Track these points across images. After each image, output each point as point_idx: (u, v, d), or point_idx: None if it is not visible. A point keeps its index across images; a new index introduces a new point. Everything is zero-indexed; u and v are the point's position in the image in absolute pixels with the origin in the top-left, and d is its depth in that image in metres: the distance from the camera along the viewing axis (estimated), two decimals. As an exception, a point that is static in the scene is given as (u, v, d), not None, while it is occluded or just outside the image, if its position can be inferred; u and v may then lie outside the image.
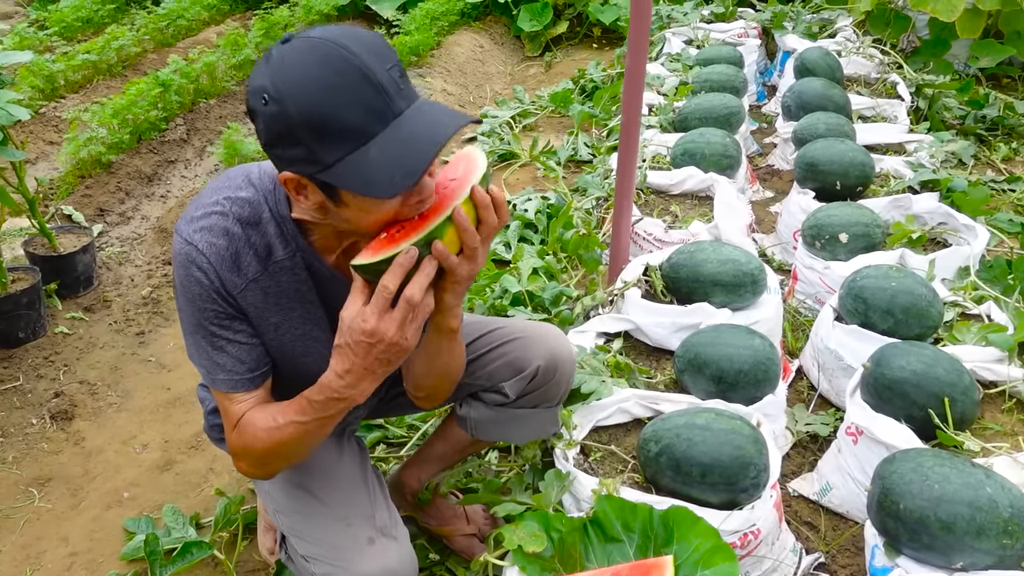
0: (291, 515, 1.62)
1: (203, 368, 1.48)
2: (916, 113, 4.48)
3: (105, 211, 3.89)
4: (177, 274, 1.42)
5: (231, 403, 1.48)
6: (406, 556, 1.55)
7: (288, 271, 1.47)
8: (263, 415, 1.46)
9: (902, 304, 2.41)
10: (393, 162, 1.20)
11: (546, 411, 1.93)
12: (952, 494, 1.72)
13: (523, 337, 1.84)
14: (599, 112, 4.83)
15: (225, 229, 1.40)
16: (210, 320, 1.43)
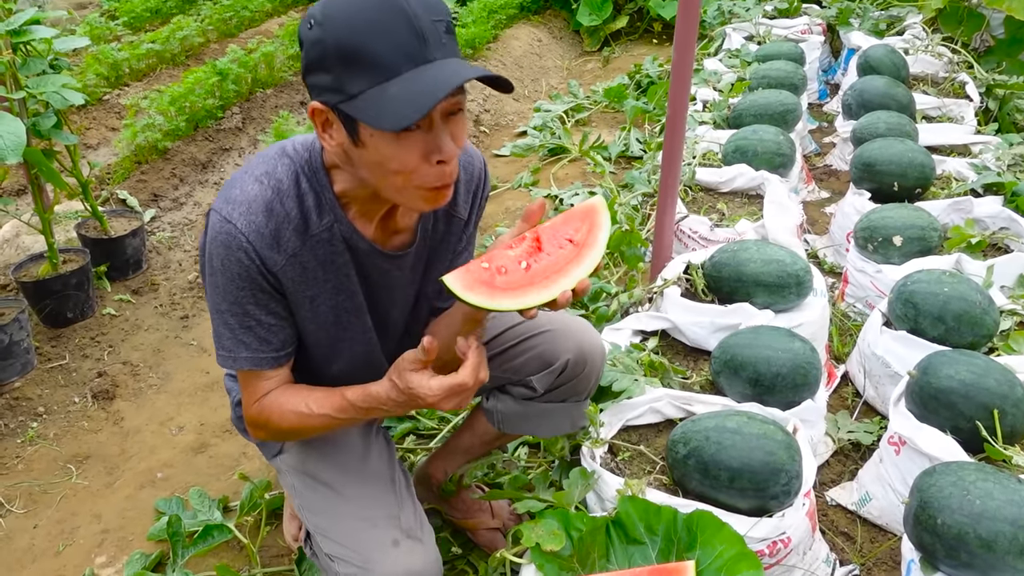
0: (317, 513, 1.61)
1: (225, 348, 1.47)
2: (986, 114, 4.30)
3: (159, 196, 3.96)
4: (215, 253, 1.40)
5: (254, 380, 1.49)
6: (431, 558, 1.53)
7: (326, 243, 1.45)
8: (293, 397, 1.47)
9: (954, 311, 2.30)
10: (408, 97, 1.20)
11: (574, 405, 1.90)
12: (994, 511, 1.63)
13: (552, 330, 1.81)
14: (652, 108, 4.75)
15: (265, 205, 1.39)
16: (247, 299, 1.42)
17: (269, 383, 1.50)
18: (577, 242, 1.37)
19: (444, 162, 1.29)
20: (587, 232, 1.37)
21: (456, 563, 2.05)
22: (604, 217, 1.38)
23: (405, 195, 1.34)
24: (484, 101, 5.23)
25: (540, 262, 1.36)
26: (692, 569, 1.57)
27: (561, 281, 1.32)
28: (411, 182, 1.30)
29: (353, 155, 1.32)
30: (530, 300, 1.31)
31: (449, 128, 1.29)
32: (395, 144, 1.26)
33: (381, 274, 1.55)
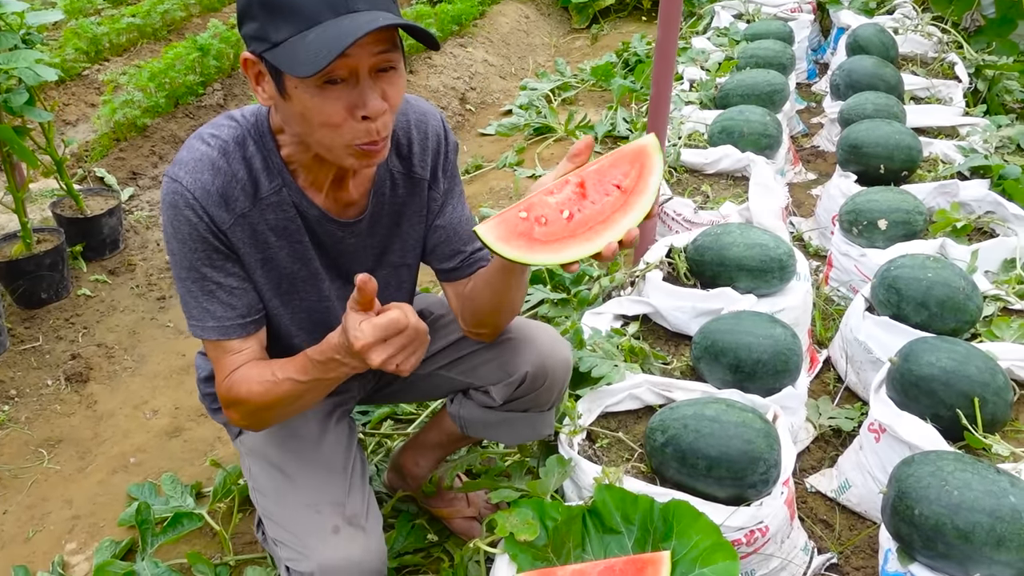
0: (265, 496, 1.58)
1: (193, 318, 1.43)
2: (975, 95, 4.26)
3: (138, 175, 3.90)
4: (166, 216, 1.38)
5: (223, 353, 1.44)
6: (373, 548, 1.49)
7: (276, 207, 1.43)
8: (261, 369, 1.42)
9: (938, 296, 2.28)
10: (321, 44, 1.17)
11: (537, 415, 1.84)
12: (972, 502, 1.61)
13: (514, 339, 1.74)
14: (640, 86, 4.70)
15: (211, 163, 1.36)
16: (201, 261, 1.39)
17: (239, 357, 1.44)
18: (625, 188, 1.28)
19: (369, 118, 1.26)
20: (636, 177, 1.28)
21: (432, 551, 2.03)
22: (656, 160, 1.28)
23: (335, 153, 1.31)
24: (470, 79, 5.16)
25: (584, 211, 1.27)
26: (667, 560, 1.55)
27: (606, 233, 1.24)
28: (339, 137, 1.28)
29: (282, 109, 1.31)
30: (571, 254, 1.23)
31: (380, 85, 1.26)
32: (319, 96, 1.23)
33: (336, 241, 1.53)
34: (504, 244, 1.25)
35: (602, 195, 1.28)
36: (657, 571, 1.53)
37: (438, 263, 1.67)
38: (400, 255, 1.63)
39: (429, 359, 1.81)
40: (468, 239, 1.65)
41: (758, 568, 1.89)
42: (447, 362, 1.80)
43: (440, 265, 1.67)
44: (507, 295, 1.55)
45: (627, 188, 1.28)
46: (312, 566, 1.43)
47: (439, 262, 1.66)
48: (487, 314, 1.62)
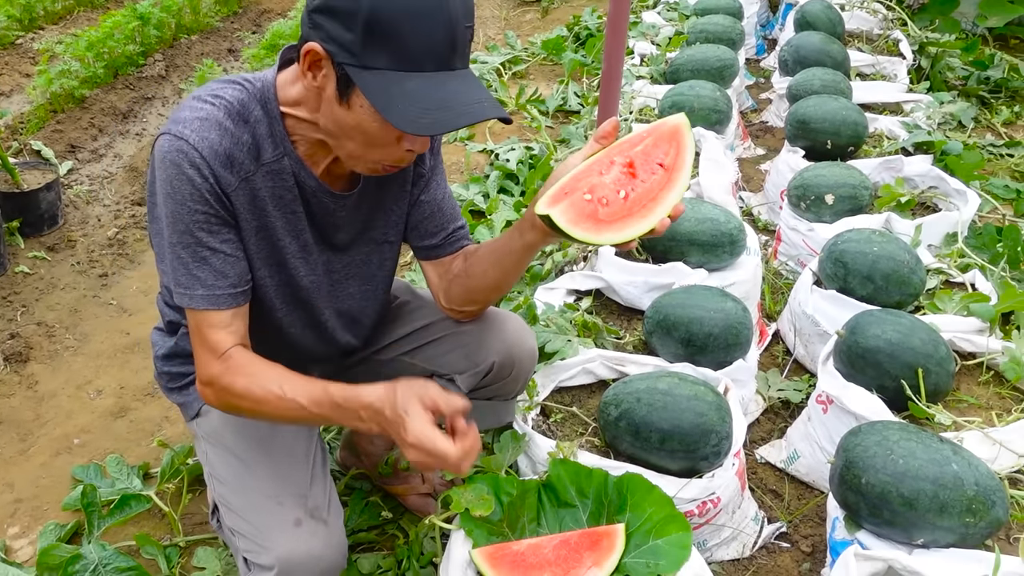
0: (223, 484, 1.54)
1: (181, 284, 1.37)
2: (918, 72, 4.34)
3: (76, 148, 3.78)
4: (164, 174, 1.31)
5: (210, 326, 1.38)
6: (335, 541, 1.47)
7: (276, 175, 1.40)
8: (268, 371, 1.38)
9: (883, 270, 2.32)
10: (424, 106, 1.19)
11: (501, 404, 1.84)
12: (916, 470, 1.66)
13: (480, 328, 1.73)
14: (591, 61, 4.68)
15: (218, 122, 1.32)
16: (199, 224, 1.34)
17: (226, 334, 1.39)
18: (667, 166, 1.34)
19: (413, 151, 1.31)
20: (675, 155, 1.35)
21: (387, 527, 2.02)
22: (689, 137, 1.36)
23: (355, 160, 1.34)
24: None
25: (636, 190, 1.33)
26: (622, 532, 1.57)
27: (657, 209, 1.30)
28: (370, 155, 1.31)
29: (327, 106, 1.29)
30: (631, 232, 1.30)
31: None
32: (380, 123, 1.24)
33: (327, 214, 1.50)
34: (575, 227, 1.30)
35: (649, 174, 1.34)
36: (612, 543, 1.54)
37: (420, 240, 1.65)
38: (383, 231, 1.60)
39: (392, 344, 1.79)
40: (451, 216, 1.65)
41: (710, 538, 1.92)
42: (410, 348, 1.78)
43: (422, 242, 1.65)
44: (515, 274, 1.55)
45: (669, 166, 1.34)
46: (272, 559, 1.40)
47: (421, 239, 1.64)
48: (486, 291, 1.61)
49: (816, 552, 2.00)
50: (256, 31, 5.45)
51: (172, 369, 1.67)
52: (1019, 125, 4.26)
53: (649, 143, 1.37)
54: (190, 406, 1.65)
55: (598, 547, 1.54)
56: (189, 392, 1.65)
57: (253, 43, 4.98)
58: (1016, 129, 4.21)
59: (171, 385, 1.69)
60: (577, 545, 1.54)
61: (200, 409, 1.63)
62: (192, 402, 1.64)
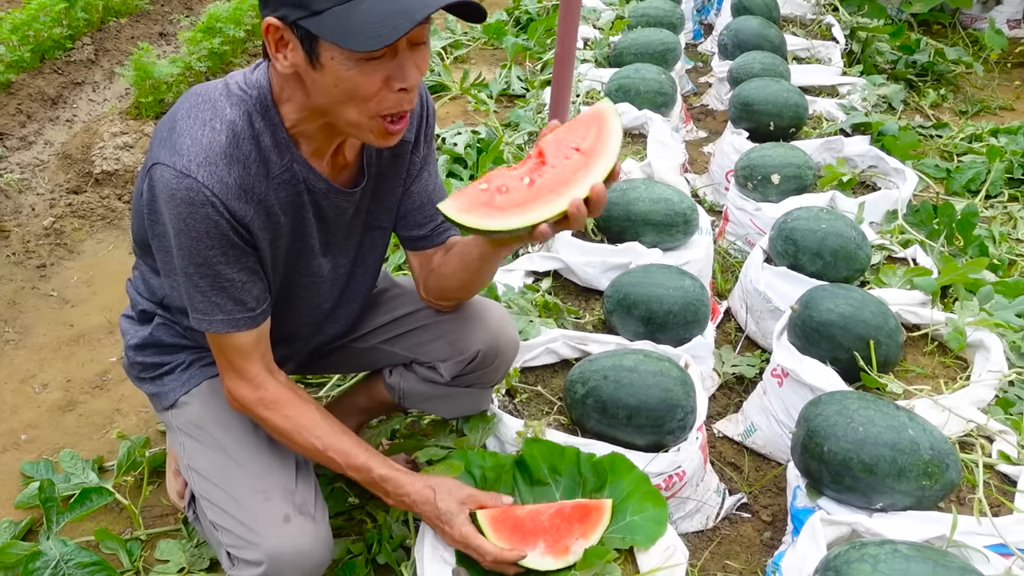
0: (206, 478, 1.51)
1: (198, 311, 1.38)
2: (850, 56, 4.46)
3: (4, 135, 3.62)
4: (176, 211, 1.28)
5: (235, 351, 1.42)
6: (322, 537, 1.46)
7: (287, 184, 1.38)
8: (308, 418, 1.47)
9: (831, 247, 2.39)
10: (381, 18, 1.14)
11: (479, 391, 1.85)
12: (876, 436, 1.72)
13: (467, 317, 1.74)
14: (533, 45, 4.69)
15: (223, 152, 1.28)
16: (216, 258, 1.32)
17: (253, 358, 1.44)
18: (585, 150, 1.28)
19: (406, 89, 1.25)
20: (595, 139, 1.29)
21: (354, 513, 2.00)
22: (613, 122, 1.29)
23: (359, 126, 1.29)
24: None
25: (544, 176, 1.28)
26: (609, 507, 1.60)
27: (568, 192, 1.24)
28: (369, 110, 1.26)
29: (308, 79, 1.25)
30: (535, 215, 1.23)
31: (414, 58, 1.25)
32: (356, 69, 1.20)
33: (338, 213, 1.49)
34: (467, 215, 1.25)
35: (562, 159, 1.29)
36: (600, 517, 1.58)
37: (408, 230, 1.64)
38: (377, 217, 1.59)
39: (372, 332, 1.77)
40: None
41: (676, 511, 1.96)
42: (391, 336, 1.77)
43: (410, 232, 1.64)
44: (479, 279, 1.57)
45: (587, 149, 1.29)
46: (260, 555, 1.39)
47: (409, 229, 1.63)
48: (455, 291, 1.63)
49: (776, 521, 2.06)
50: (188, 14, 5.30)
51: (145, 359, 1.63)
52: (945, 107, 4.42)
53: (561, 131, 1.32)
54: (164, 396, 1.61)
55: (587, 519, 1.57)
56: (163, 382, 1.61)
57: (188, 27, 4.84)
58: (942, 111, 4.37)
59: (143, 375, 1.65)
60: (569, 516, 1.57)
61: (176, 400, 1.59)
62: (167, 392, 1.61)
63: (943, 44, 4.77)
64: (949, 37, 5.23)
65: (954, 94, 4.56)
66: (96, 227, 3.14)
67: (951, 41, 5.12)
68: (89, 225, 3.14)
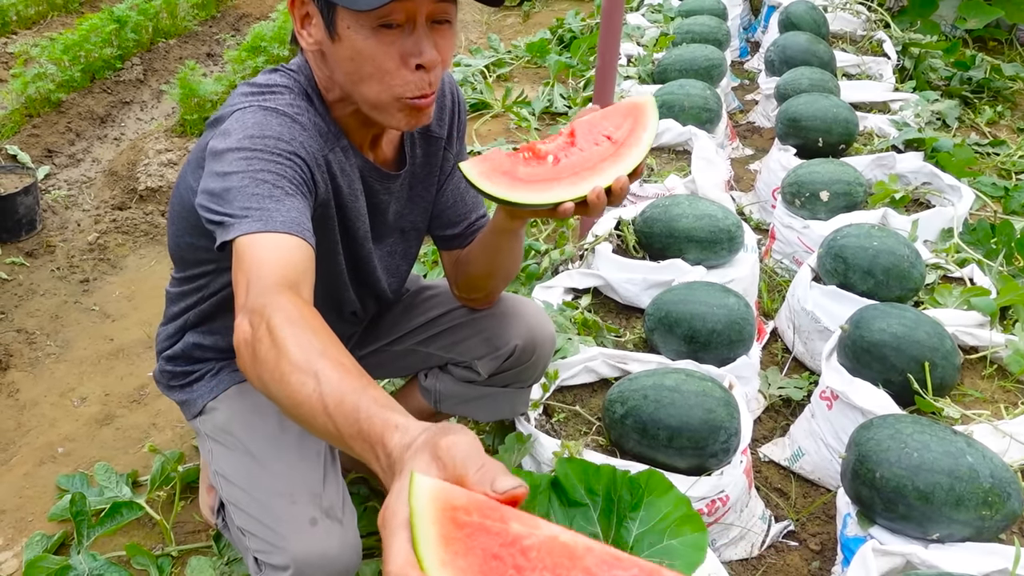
0: (232, 483, 1.48)
1: (250, 215, 1.13)
2: (902, 73, 4.35)
3: (54, 152, 3.69)
4: (240, 131, 1.21)
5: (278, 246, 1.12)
6: (350, 542, 1.41)
7: (344, 162, 1.37)
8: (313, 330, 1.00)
9: (883, 265, 2.30)
10: None
11: (516, 392, 1.81)
12: (931, 463, 1.63)
13: (502, 313, 1.71)
14: (576, 63, 4.66)
15: (293, 103, 1.28)
16: (283, 166, 1.20)
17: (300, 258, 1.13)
18: (616, 140, 1.25)
19: (424, 68, 1.21)
20: (629, 130, 1.26)
21: (385, 533, 1.96)
22: (651, 116, 1.26)
23: (383, 108, 1.26)
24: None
25: (570, 157, 1.25)
26: None
27: (592, 178, 1.21)
28: (389, 90, 1.23)
29: (330, 55, 1.24)
30: (554, 195, 1.20)
31: (434, 37, 1.21)
32: (372, 39, 1.18)
33: (381, 201, 1.47)
34: (487, 180, 1.21)
35: (591, 144, 1.26)
36: None
37: (441, 229, 1.61)
38: (412, 219, 1.57)
39: (407, 335, 1.75)
40: (473, 206, 1.61)
41: (719, 537, 1.88)
42: (426, 336, 1.74)
43: (443, 232, 1.61)
44: (500, 256, 1.51)
45: (618, 140, 1.26)
46: (287, 559, 1.34)
47: (442, 228, 1.61)
48: (480, 277, 1.58)
49: (825, 550, 1.97)
50: (235, 35, 5.38)
51: (175, 368, 1.61)
52: (1002, 124, 4.28)
53: (597, 115, 1.29)
54: (193, 403, 1.59)
55: None
56: (192, 389, 1.59)
57: (234, 46, 4.91)
58: (999, 128, 4.23)
59: (173, 383, 1.63)
60: None
61: (205, 406, 1.57)
62: (195, 399, 1.59)
63: (999, 60, 4.64)
64: (1006, 53, 5.09)
65: (1011, 111, 4.42)
66: (139, 243, 3.16)
67: (1008, 57, 4.98)
68: (132, 241, 3.17)
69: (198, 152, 1.35)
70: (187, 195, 1.37)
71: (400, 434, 0.83)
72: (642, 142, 1.24)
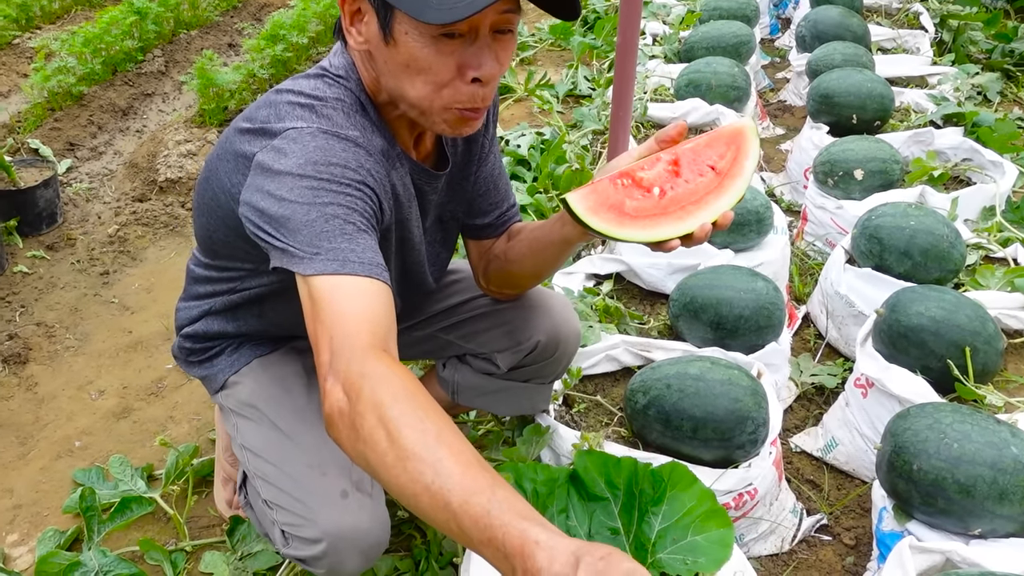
0: (259, 455, 1.44)
1: (325, 253, 1.08)
2: (940, 46, 4.20)
3: (75, 145, 3.68)
4: (300, 153, 1.13)
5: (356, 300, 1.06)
6: (379, 516, 1.37)
7: (402, 174, 1.30)
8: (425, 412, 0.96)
9: (921, 245, 2.20)
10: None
11: (536, 387, 1.76)
12: (973, 454, 1.54)
13: (527, 306, 1.66)
14: (600, 44, 4.56)
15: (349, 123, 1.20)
16: (353, 198, 1.13)
17: (386, 315, 1.07)
18: (720, 170, 1.22)
19: (481, 81, 1.14)
20: (732, 160, 1.22)
21: (403, 528, 1.91)
22: (752, 143, 1.23)
23: (429, 114, 1.19)
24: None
25: (676, 189, 1.21)
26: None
27: (699, 214, 1.18)
28: (439, 98, 1.16)
29: (379, 57, 1.17)
30: (662, 232, 1.17)
31: (495, 47, 1.14)
32: (431, 47, 1.11)
33: (427, 198, 1.41)
34: (594, 216, 1.18)
35: (696, 175, 1.22)
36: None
37: (473, 218, 1.55)
38: (451, 209, 1.51)
39: (428, 319, 1.70)
40: (505, 194, 1.55)
41: (747, 532, 1.80)
42: (447, 324, 1.69)
43: (475, 220, 1.55)
44: (553, 262, 1.45)
45: (722, 170, 1.22)
46: (319, 532, 1.31)
47: (474, 217, 1.54)
48: (522, 278, 1.52)
49: (860, 545, 1.88)
50: (256, 24, 5.35)
51: (194, 345, 1.58)
52: (1047, 98, 4.11)
53: (702, 143, 1.24)
54: (214, 378, 1.56)
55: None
56: (212, 364, 1.56)
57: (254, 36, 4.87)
58: (1043, 102, 4.06)
59: (192, 359, 1.59)
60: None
61: (226, 380, 1.54)
62: (216, 374, 1.55)
63: (1043, 31, 4.45)
64: (1049, 24, 4.89)
65: (1056, 84, 4.25)
66: (159, 234, 3.14)
67: (1052, 28, 4.78)
68: (152, 232, 3.14)
69: (230, 150, 1.26)
70: (223, 196, 1.30)
71: (545, 554, 0.82)
72: (745, 171, 1.21)
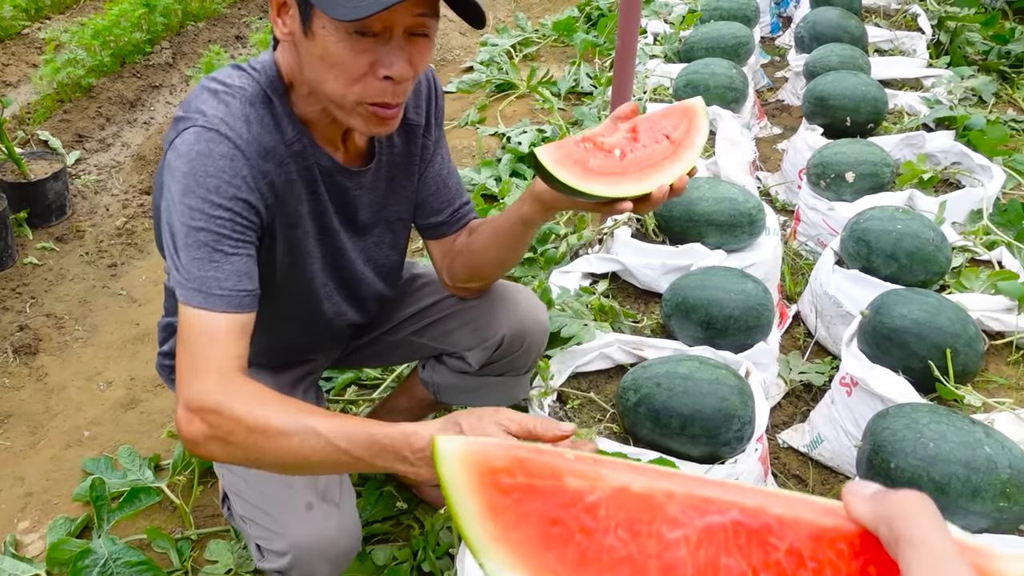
0: (231, 471, 1.51)
1: (193, 283, 1.18)
2: (937, 47, 4.24)
3: (84, 137, 3.74)
4: (189, 166, 1.20)
5: (213, 337, 1.17)
6: (348, 525, 1.43)
7: (299, 157, 1.34)
8: (273, 397, 1.15)
9: (907, 248, 2.26)
10: None
11: (513, 379, 1.81)
12: (948, 453, 1.60)
13: (488, 303, 1.70)
14: (603, 41, 4.61)
15: (240, 112, 1.25)
16: (223, 225, 1.21)
17: (238, 347, 1.19)
18: (675, 140, 1.31)
19: (392, 80, 1.19)
20: (685, 131, 1.31)
21: (402, 518, 1.98)
22: (703, 120, 1.32)
23: (343, 109, 1.24)
24: (428, 35, 5.02)
25: (635, 152, 1.30)
26: None
27: (656, 176, 1.26)
28: (351, 93, 1.21)
29: (301, 49, 1.22)
30: (623, 189, 1.25)
31: (409, 49, 1.20)
32: (345, 43, 1.16)
33: (345, 194, 1.45)
34: (561, 168, 1.24)
35: (653, 142, 1.30)
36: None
37: (426, 218, 1.60)
38: (396, 209, 1.55)
39: (400, 324, 1.75)
40: (456, 192, 1.60)
41: (733, 526, 1.87)
42: (417, 328, 1.74)
43: (428, 220, 1.60)
44: (516, 247, 1.50)
45: (676, 140, 1.31)
46: (285, 545, 1.37)
47: (427, 216, 1.60)
48: (487, 267, 1.56)
49: (842, 538, 1.95)
50: (263, 16, 5.40)
51: (172, 363, 1.63)
52: (1042, 100, 4.16)
53: (657, 114, 1.33)
54: None
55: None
56: None
57: (261, 28, 4.92)
58: (1039, 104, 4.11)
59: (173, 376, 1.65)
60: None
61: None
62: None
63: (1041, 32, 4.49)
64: (1048, 25, 4.93)
65: (1052, 86, 4.29)
66: (166, 227, 3.20)
67: (1050, 29, 4.81)
68: (159, 225, 3.21)
69: (167, 146, 1.32)
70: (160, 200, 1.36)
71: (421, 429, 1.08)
72: (696, 144, 1.29)
